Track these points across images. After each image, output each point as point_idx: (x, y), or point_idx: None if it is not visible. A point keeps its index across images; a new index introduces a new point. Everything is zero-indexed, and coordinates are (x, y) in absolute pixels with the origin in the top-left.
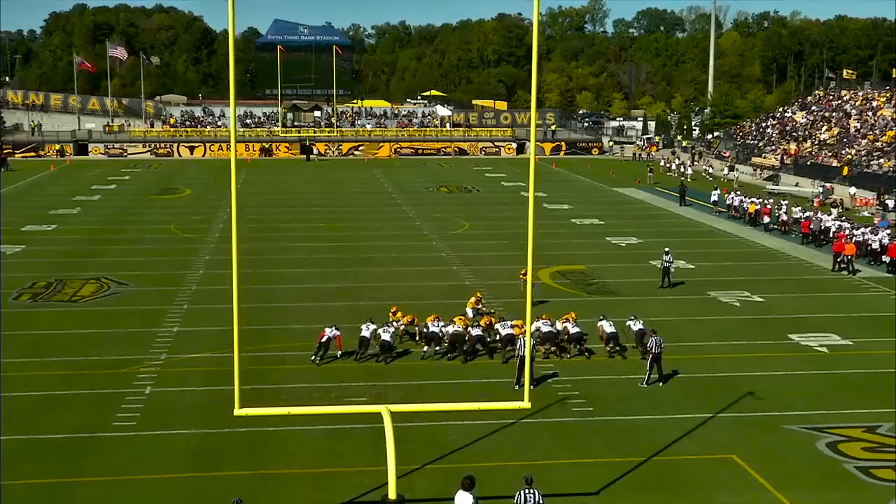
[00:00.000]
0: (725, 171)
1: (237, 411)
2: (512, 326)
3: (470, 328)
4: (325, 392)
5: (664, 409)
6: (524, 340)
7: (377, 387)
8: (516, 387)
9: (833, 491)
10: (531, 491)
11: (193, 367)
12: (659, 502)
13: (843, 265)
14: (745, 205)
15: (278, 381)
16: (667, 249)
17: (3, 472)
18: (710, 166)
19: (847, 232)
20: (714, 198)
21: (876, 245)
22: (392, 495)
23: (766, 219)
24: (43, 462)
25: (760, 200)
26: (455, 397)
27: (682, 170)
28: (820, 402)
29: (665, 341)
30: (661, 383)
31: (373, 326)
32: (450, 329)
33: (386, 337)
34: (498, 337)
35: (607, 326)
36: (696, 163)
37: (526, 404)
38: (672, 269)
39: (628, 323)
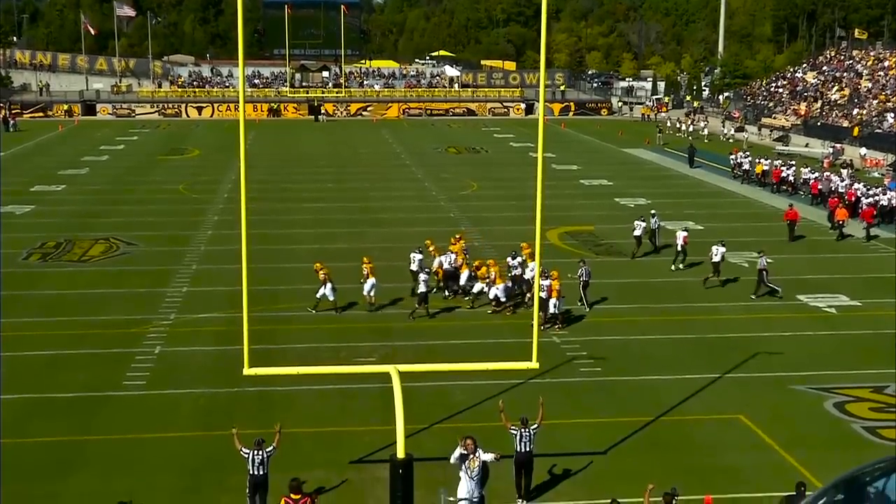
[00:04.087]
0: (732, 131)
1: (246, 371)
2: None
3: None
4: (334, 352)
5: (672, 370)
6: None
7: (386, 347)
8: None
9: (840, 451)
10: (526, 430)
11: (202, 326)
12: (666, 462)
13: (795, 235)
14: (753, 166)
15: (287, 341)
16: (653, 212)
17: (13, 431)
18: (724, 126)
19: (860, 193)
20: (732, 161)
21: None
22: (401, 454)
23: (776, 180)
24: (53, 420)
25: (769, 161)
26: (464, 357)
27: (690, 129)
28: (828, 363)
29: (673, 302)
30: (586, 308)
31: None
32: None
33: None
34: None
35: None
36: (692, 121)
37: (534, 364)
38: (659, 231)
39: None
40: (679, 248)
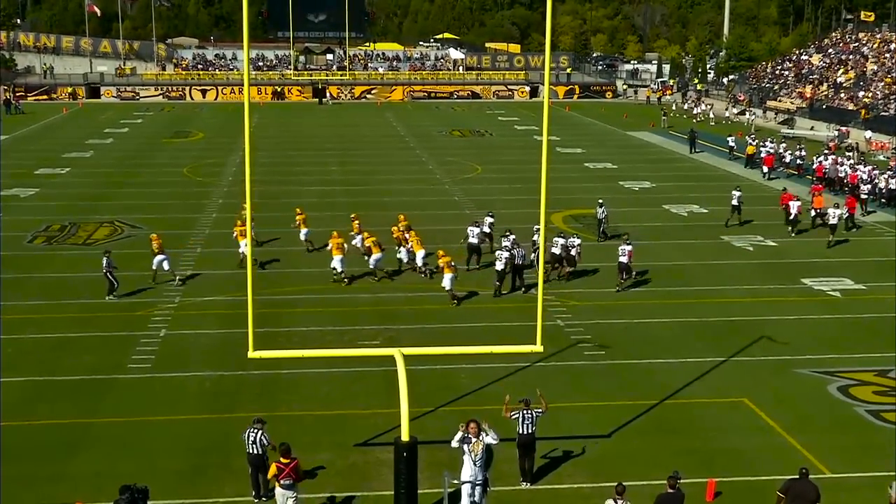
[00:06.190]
0: (738, 114)
1: (251, 354)
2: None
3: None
4: (339, 335)
5: (676, 353)
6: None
7: (390, 330)
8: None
9: (844, 434)
10: (528, 412)
11: (207, 310)
12: (670, 445)
13: (791, 221)
14: (758, 148)
15: (292, 324)
16: (600, 201)
17: (19, 413)
18: (728, 110)
19: (865, 176)
20: (731, 143)
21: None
22: (405, 437)
23: (766, 167)
24: (59, 403)
25: (772, 145)
26: (468, 340)
27: (694, 111)
28: (832, 346)
29: (677, 285)
30: (522, 290)
31: None
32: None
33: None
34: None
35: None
36: (695, 104)
37: (538, 348)
38: (605, 222)
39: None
40: (792, 217)
